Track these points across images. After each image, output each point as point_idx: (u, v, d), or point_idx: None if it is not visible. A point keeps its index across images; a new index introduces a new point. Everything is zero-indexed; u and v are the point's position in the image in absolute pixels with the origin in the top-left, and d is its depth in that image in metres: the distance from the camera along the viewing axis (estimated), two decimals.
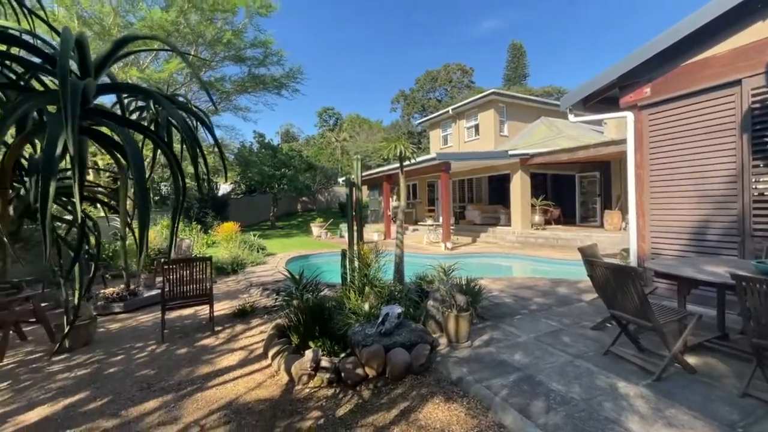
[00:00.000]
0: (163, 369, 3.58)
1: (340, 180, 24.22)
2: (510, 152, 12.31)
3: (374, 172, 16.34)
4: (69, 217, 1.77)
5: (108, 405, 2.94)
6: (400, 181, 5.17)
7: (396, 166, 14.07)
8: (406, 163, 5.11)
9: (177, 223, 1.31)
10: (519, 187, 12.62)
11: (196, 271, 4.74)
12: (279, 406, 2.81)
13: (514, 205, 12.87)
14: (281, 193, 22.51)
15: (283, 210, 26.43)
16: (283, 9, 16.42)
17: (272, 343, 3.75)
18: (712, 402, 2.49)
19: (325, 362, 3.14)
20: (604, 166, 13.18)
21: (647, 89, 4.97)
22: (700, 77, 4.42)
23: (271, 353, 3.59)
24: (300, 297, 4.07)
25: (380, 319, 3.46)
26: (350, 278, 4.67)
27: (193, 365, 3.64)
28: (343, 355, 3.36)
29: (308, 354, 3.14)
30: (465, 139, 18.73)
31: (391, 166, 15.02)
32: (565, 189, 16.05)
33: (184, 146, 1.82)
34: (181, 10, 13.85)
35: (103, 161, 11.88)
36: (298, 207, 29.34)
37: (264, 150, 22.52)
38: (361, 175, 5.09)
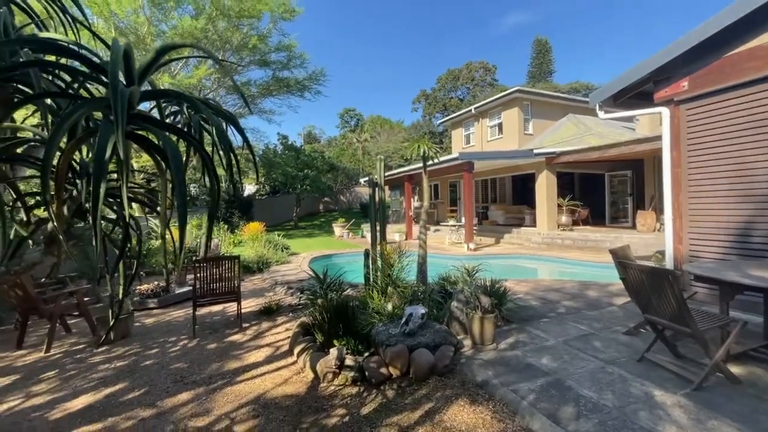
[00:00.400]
0: (195, 363, 3.73)
1: (362, 180, 24.37)
2: (535, 151, 12.00)
3: (396, 172, 16.33)
4: (113, 216, 1.87)
5: (145, 396, 3.09)
6: (424, 182, 5.15)
7: (418, 166, 14.05)
8: (429, 163, 5.08)
9: (212, 223, 1.37)
10: (545, 186, 12.28)
11: (225, 269, 4.91)
12: (305, 402, 2.86)
13: (540, 205, 12.53)
14: (304, 193, 22.89)
15: (306, 210, 26.88)
16: (305, 11, 16.73)
17: (297, 340, 3.83)
18: (759, 414, 2.33)
19: (349, 361, 3.18)
20: (636, 165, 12.60)
21: (684, 83, 4.72)
22: (745, 68, 4.15)
23: (296, 350, 3.67)
24: (324, 296, 4.13)
25: (404, 320, 3.46)
26: (373, 278, 4.69)
27: (223, 360, 3.77)
28: (366, 354, 3.38)
29: (333, 352, 3.18)
30: (488, 138, 18.42)
31: (413, 166, 14.98)
32: (594, 188, 15.47)
33: (214, 149, 1.89)
34: (210, 17, 14.39)
35: (137, 163, 12.50)
36: (320, 207, 29.75)
37: (287, 151, 23.00)
38: (384, 176, 5.11)
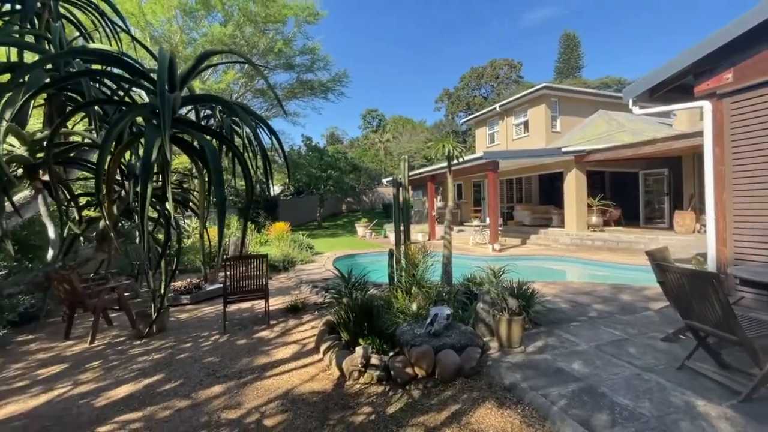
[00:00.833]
0: (226, 357, 3.86)
1: (384, 181, 24.44)
2: (564, 149, 11.62)
3: (418, 172, 16.26)
4: (153, 215, 1.98)
5: (180, 387, 3.23)
6: (448, 181, 5.11)
7: (441, 166, 13.95)
8: (453, 162, 5.03)
9: (247, 223, 1.41)
10: (574, 186, 11.86)
11: (253, 267, 5.06)
12: (331, 399, 2.91)
13: (569, 205, 12.12)
14: (327, 194, 23.22)
15: (329, 210, 27.24)
16: (328, 14, 16.97)
17: (323, 338, 3.90)
18: None
19: (374, 360, 3.20)
20: (673, 162, 11.94)
21: (728, 75, 4.44)
22: None
23: (322, 348, 3.73)
24: (349, 295, 4.18)
25: (429, 320, 3.45)
26: (397, 278, 4.70)
27: (252, 355, 3.88)
28: (391, 353, 3.39)
29: (358, 351, 3.21)
30: (513, 137, 18.00)
31: (436, 166, 14.86)
32: (627, 188, 14.79)
33: (244, 151, 1.95)
34: (238, 24, 14.88)
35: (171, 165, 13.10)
36: (343, 207, 30.06)
37: (311, 152, 23.43)
38: (408, 176, 5.11)
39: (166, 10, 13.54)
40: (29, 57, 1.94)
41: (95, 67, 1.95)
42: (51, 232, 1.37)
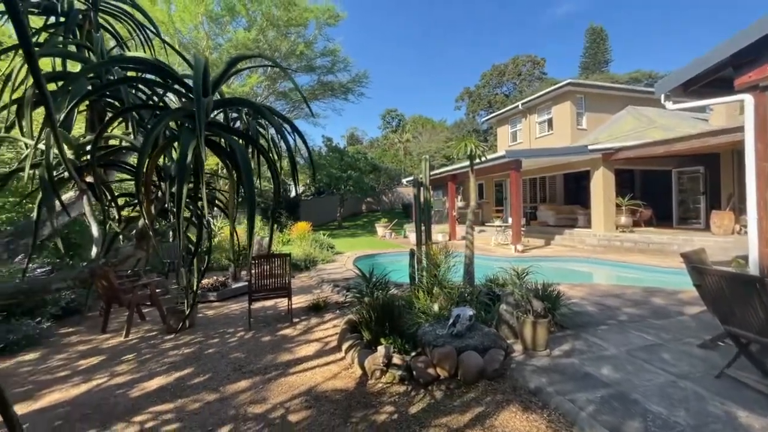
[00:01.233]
0: (251, 353, 3.97)
1: (404, 181, 24.40)
2: (590, 147, 11.22)
3: (439, 172, 16.12)
4: (186, 214, 2.06)
5: (209, 381, 3.35)
6: (471, 181, 5.04)
7: (462, 165, 13.79)
8: (476, 161, 4.97)
9: (274, 222, 1.45)
10: (601, 185, 11.44)
11: (276, 266, 5.17)
12: (354, 397, 2.94)
13: (596, 205, 11.70)
14: (347, 194, 23.41)
15: (349, 210, 27.44)
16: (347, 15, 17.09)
17: (345, 337, 3.93)
18: None
19: (396, 359, 3.20)
20: (709, 160, 11.30)
21: None
22: None
23: (344, 347, 3.77)
24: (371, 294, 4.20)
25: (451, 321, 3.42)
26: (418, 278, 4.68)
27: (276, 352, 3.97)
28: (413, 353, 3.38)
29: (380, 350, 3.23)
30: (536, 135, 17.55)
31: (456, 165, 14.71)
32: (658, 186, 14.13)
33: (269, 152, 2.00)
34: (261, 28, 15.24)
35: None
36: (363, 208, 30.21)
37: (332, 153, 23.69)
38: (429, 175, 5.08)
39: (193, 17, 14.03)
40: (71, 65, 2.07)
41: (130, 74, 2.06)
42: (95, 230, 1.46)
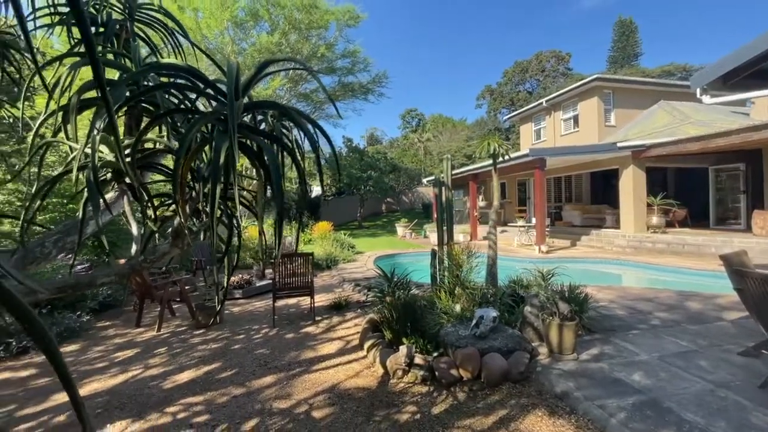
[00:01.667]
0: (276, 350, 4.06)
1: (424, 181, 24.29)
2: (619, 144, 10.81)
3: (459, 171, 15.93)
4: (217, 213, 2.13)
5: (235, 376, 3.46)
6: (494, 180, 4.96)
7: (483, 164, 13.57)
8: (499, 160, 4.88)
9: (301, 222, 1.48)
10: (631, 184, 10.99)
11: (299, 265, 5.27)
12: (376, 396, 2.95)
13: (625, 204, 11.25)
14: (367, 194, 23.54)
15: (369, 211, 27.58)
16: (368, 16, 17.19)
17: (367, 336, 3.96)
18: None
19: (418, 359, 3.20)
20: (751, 156, 10.62)
21: None
22: None
23: (366, 345, 3.80)
24: (392, 294, 4.21)
25: (474, 322, 3.38)
26: (440, 278, 4.65)
27: (299, 349, 4.05)
28: (435, 354, 3.37)
29: (403, 350, 3.23)
30: (561, 133, 17.05)
31: (477, 164, 14.49)
32: (693, 185, 13.42)
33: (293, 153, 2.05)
34: (283, 32, 15.57)
35: None
36: (383, 208, 30.28)
37: (352, 154, 23.90)
38: (450, 175, 5.04)
39: (219, 23, 14.50)
40: (109, 72, 2.19)
41: (163, 79, 2.16)
42: (134, 229, 1.54)
